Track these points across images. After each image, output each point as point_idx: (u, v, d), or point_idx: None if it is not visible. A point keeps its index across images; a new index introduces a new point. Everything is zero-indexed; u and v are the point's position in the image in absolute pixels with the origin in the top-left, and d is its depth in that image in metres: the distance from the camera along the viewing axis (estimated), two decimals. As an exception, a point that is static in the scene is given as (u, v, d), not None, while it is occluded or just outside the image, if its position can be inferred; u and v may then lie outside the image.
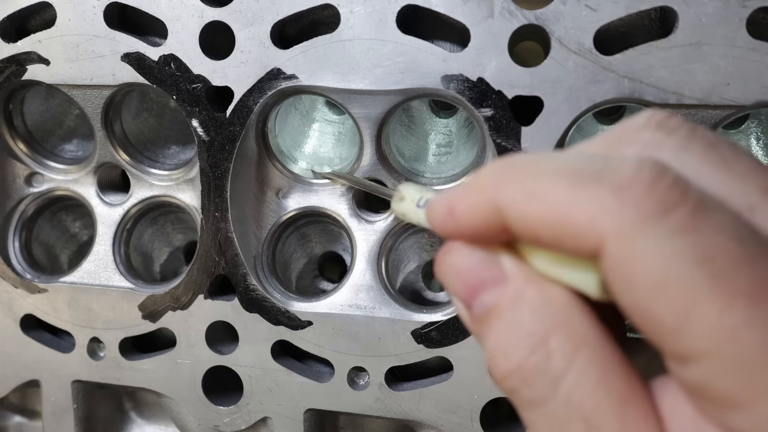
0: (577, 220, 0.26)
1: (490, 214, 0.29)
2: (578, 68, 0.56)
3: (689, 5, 0.53)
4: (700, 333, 0.24)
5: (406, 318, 0.65)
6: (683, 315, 0.24)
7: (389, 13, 0.59)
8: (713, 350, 0.24)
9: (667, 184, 0.25)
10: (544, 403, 0.27)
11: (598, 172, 0.26)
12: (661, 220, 0.25)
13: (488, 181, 0.29)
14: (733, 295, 0.24)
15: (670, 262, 0.24)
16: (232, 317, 0.68)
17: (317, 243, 0.78)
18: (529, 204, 0.27)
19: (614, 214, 0.25)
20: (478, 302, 0.30)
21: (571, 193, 0.26)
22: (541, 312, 0.28)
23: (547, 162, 0.28)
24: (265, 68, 0.62)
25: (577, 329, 0.27)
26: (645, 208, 0.25)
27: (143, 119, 0.77)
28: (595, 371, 0.27)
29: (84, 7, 0.65)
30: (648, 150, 0.28)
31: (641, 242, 0.25)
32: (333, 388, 0.67)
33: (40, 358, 0.75)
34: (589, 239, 0.26)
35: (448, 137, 0.73)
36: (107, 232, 0.75)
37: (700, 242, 0.24)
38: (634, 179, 0.26)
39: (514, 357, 0.28)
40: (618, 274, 0.25)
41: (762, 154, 0.67)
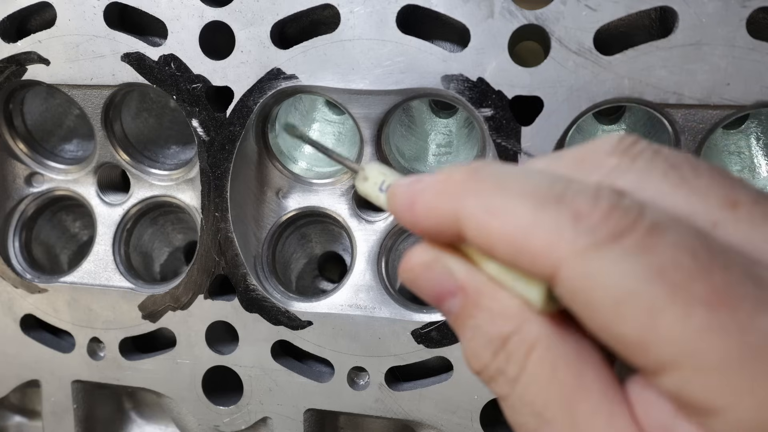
0: (535, 244, 0.27)
1: (448, 220, 0.30)
2: (578, 68, 0.56)
3: (689, 5, 0.53)
4: (665, 343, 0.25)
5: (406, 318, 0.65)
6: (646, 328, 0.25)
7: (389, 13, 0.59)
8: (680, 359, 0.25)
9: (622, 211, 0.26)
10: (507, 398, 0.30)
11: (559, 197, 0.28)
12: (614, 243, 0.26)
13: (452, 187, 0.30)
14: (690, 303, 0.24)
15: (626, 280, 0.25)
16: (232, 317, 0.68)
17: (317, 243, 0.78)
18: (489, 220, 0.29)
19: (571, 240, 0.26)
20: (444, 308, 0.32)
21: (531, 217, 0.28)
22: (497, 318, 0.30)
23: (512, 179, 0.29)
24: (265, 68, 0.62)
25: (531, 331, 0.29)
26: (599, 234, 0.26)
27: (143, 119, 0.77)
28: (546, 370, 0.28)
29: (84, 7, 0.65)
30: (612, 176, 0.30)
31: (596, 265, 0.26)
32: (333, 388, 0.67)
33: (40, 358, 0.75)
34: (545, 263, 0.27)
35: (448, 137, 0.73)
36: (107, 232, 0.75)
37: (654, 259, 0.25)
38: (590, 208, 0.27)
39: (480, 360, 0.31)
40: (577, 298, 0.27)
41: (762, 154, 0.67)
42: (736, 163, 0.67)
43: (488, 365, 0.30)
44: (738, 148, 0.67)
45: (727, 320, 0.24)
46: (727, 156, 0.67)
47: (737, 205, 0.28)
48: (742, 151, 0.67)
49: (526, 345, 0.29)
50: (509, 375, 0.29)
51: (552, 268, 0.27)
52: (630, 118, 0.69)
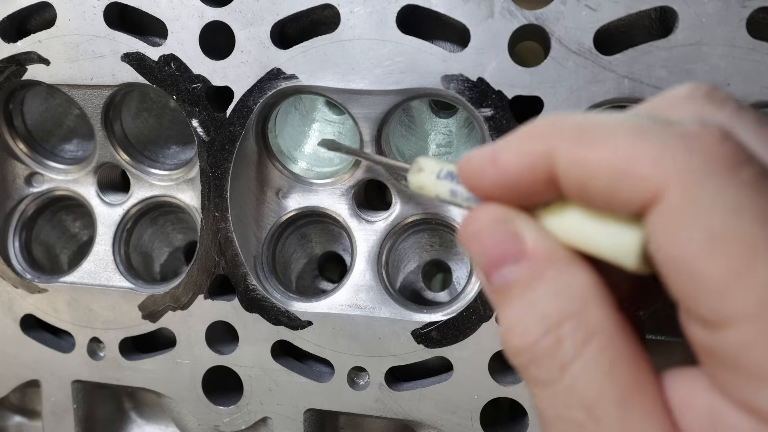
0: (640, 165, 0.24)
1: (539, 161, 0.27)
2: (578, 68, 0.56)
3: (689, 5, 0.53)
4: (747, 296, 0.23)
5: (406, 318, 0.65)
6: (734, 272, 0.23)
7: (389, 13, 0.59)
8: (756, 316, 0.23)
9: (734, 145, 0.24)
10: (551, 384, 0.27)
11: (663, 126, 0.25)
12: (731, 171, 0.23)
13: (541, 129, 0.28)
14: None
15: (734, 216, 0.23)
16: (232, 317, 0.68)
17: (317, 243, 0.78)
18: (588, 149, 0.26)
19: (681, 159, 0.24)
20: (498, 274, 0.29)
21: (634, 140, 0.25)
22: (558, 295, 0.27)
23: (603, 116, 0.27)
24: (265, 68, 0.62)
25: (592, 317, 0.27)
26: (714, 157, 0.24)
27: (143, 119, 0.77)
28: (604, 362, 0.26)
29: (84, 7, 0.65)
30: (702, 116, 0.27)
31: (707, 189, 0.23)
32: (333, 388, 0.67)
33: (40, 358, 0.75)
34: (648, 185, 0.24)
35: (448, 137, 0.73)
36: (107, 232, 0.75)
37: (766, 201, 0.23)
38: (701, 133, 0.24)
39: (527, 336, 0.28)
40: (672, 223, 0.24)
41: (762, 154, 0.67)
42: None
43: (536, 343, 0.27)
44: (738, 148, 0.67)
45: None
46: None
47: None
48: (742, 151, 0.67)
49: (586, 330, 0.27)
50: (561, 358, 0.27)
51: (656, 190, 0.24)
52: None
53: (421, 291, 0.77)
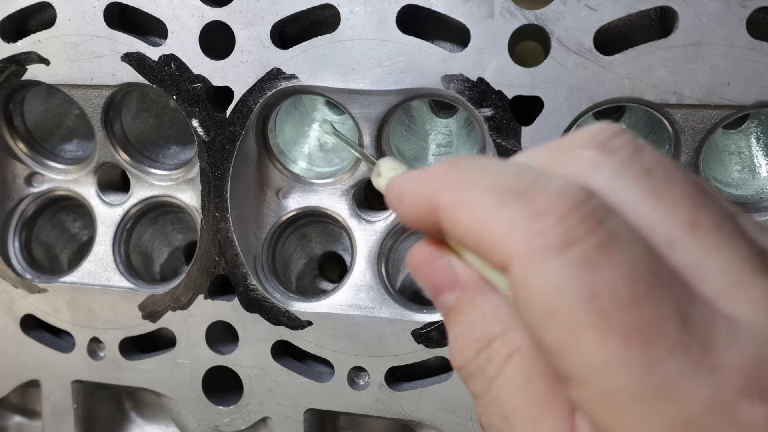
0: (492, 237, 0.28)
1: (428, 211, 0.32)
2: (578, 68, 0.56)
3: (689, 5, 0.53)
4: (577, 361, 0.26)
5: (406, 318, 0.65)
6: (564, 342, 0.26)
7: (389, 13, 0.59)
8: (586, 378, 0.26)
9: (582, 216, 0.27)
10: (481, 396, 0.31)
11: (521, 192, 0.28)
12: (562, 252, 0.26)
13: (432, 179, 0.32)
14: (610, 333, 0.25)
15: (560, 294, 0.26)
16: (232, 317, 0.68)
17: (317, 243, 0.78)
18: (458, 211, 0.30)
19: (522, 238, 0.27)
20: (440, 300, 0.33)
21: (491, 210, 0.29)
22: (486, 318, 0.31)
23: (484, 172, 0.30)
24: (265, 68, 0.62)
25: (514, 338, 0.30)
26: (551, 237, 0.27)
27: (143, 119, 0.77)
28: (521, 377, 0.30)
29: (84, 7, 0.65)
30: (586, 170, 0.30)
31: (539, 270, 0.26)
32: (333, 388, 0.67)
33: (40, 358, 0.75)
34: (499, 257, 0.28)
35: (448, 137, 0.73)
36: (107, 232, 0.75)
37: (592, 279, 0.26)
38: (549, 206, 0.27)
39: (463, 356, 0.32)
40: (517, 293, 0.28)
41: (762, 154, 0.67)
42: (736, 163, 0.67)
43: (470, 362, 0.31)
44: (738, 148, 0.67)
45: (637, 357, 0.25)
46: (727, 156, 0.67)
47: (698, 227, 0.27)
48: (742, 151, 0.67)
49: (508, 349, 0.30)
50: (487, 375, 0.30)
51: (505, 262, 0.28)
52: (630, 118, 0.69)
53: (421, 291, 0.77)
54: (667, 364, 0.24)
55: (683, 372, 0.24)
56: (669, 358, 0.24)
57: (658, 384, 0.24)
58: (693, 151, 0.58)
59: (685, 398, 0.24)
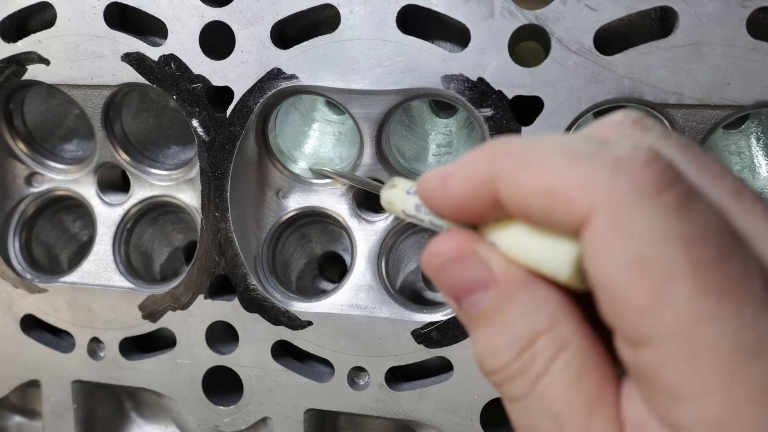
0: (571, 189, 0.26)
1: (482, 185, 0.29)
2: (578, 68, 0.56)
3: (689, 5, 0.53)
4: (665, 316, 0.24)
5: (406, 318, 0.65)
6: (653, 294, 0.24)
7: (389, 13, 0.59)
8: (672, 336, 0.24)
9: (662, 166, 0.26)
10: (523, 398, 0.29)
11: (595, 149, 0.27)
12: (653, 196, 0.25)
13: (485, 154, 0.30)
14: (706, 286, 0.24)
15: (655, 238, 0.24)
16: (232, 317, 0.68)
17: (317, 243, 0.78)
18: (524, 174, 0.28)
19: (608, 184, 0.25)
20: (468, 302, 0.30)
21: (567, 165, 0.27)
22: (529, 315, 0.29)
23: (543, 140, 0.29)
24: (265, 68, 0.62)
25: (561, 332, 0.28)
26: (639, 182, 0.25)
27: (143, 119, 0.77)
28: (571, 374, 0.28)
29: (84, 7, 0.65)
30: (633, 139, 0.29)
31: (630, 213, 0.25)
32: (333, 388, 0.67)
33: (40, 358, 0.75)
34: (579, 208, 0.26)
35: (448, 137, 0.73)
36: (107, 232, 0.75)
37: (687, 225, 0.24)
38: (630, 157, 0.26)
39: (500, 358, 0.29)
40: (599, 244, 0.25)
41: (762, 154, 0.67)
42: (736, 163, 0.67)
43: (510, 364, 0.29)
44: (738, 148, 0.67)
45: (732, 313, 0.23)
46: (727, 156, 0.67)
47: (743, 195, 0.27)
48: (742, 151, 0.67)
49: (555, 344, 0.28)
50: (532, 374, 0.28)
51: (586, 212, 0.26)
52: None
53: (421, 291, 0.77)
54: (759, 321, 0.24)
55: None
56: (760, 316, 0.24)
57: (752, 342, 0.23)
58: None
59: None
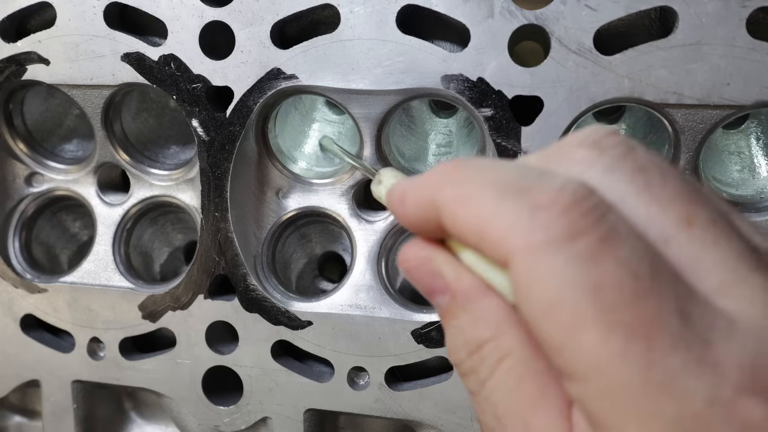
0: (494, 231, 0.28)
1: (429, 210, 0.32)
2: (578, 68, 0.56)
3: (689, 5, 0.53)
4: (579, 355, 0.26)
5: (406, 318, 0.65)
6: (567, 336, 0.26)
7: (389, 13, 0.59)
8: (588, 374, 0.26)
9: (583, 210, 0.27)
10: (476, 394, 0.32)
11: (524, 188, 0.28)
12: (565, 245, 0.26)
13: (434, 179, 0.32)
14: (613, 327, 0.25)
15: (564, 287, 0.26)
16: (232, 317, 0.68)
17: (317, 243, 0.78)
18: (458, 207, 0.30)
19: (525, 231, 0.27)
20: (435, 302, 0.34)
21: (493, 205, 0.29)
22: (477, 323, 0.31)
23: (485, 170, 0.31)
24: (265, 68, 0.62)
25: (504, 342, 0.30)
26: (554, 230, 0.27)
27: (143, 119, 0.77)
28: (512, 380, 0.30)
29: (84, 7, 0.65)
30: (579, 168, 0.30)
31: (543, 263, 0.26)
32: (333, 388, 0.67)
33: (40, 358, 0.75)
34: (500, 251, 0.28)
35: (448, 137, 0.73)
36: (107, 232, 0.75)
37: (595, 272, 0.26)
38: (552, 201, 0.27)
39: (457, 356, 0.32)
40: (519, 288, 0.28)
41: (762, 154, 0.67)
42: (736, 163, 0.67)
43: (463, 362, 0.32)
44: (738, 148, 0.67)
45: (640, 352, 0.25)
46: (727, 156, 0.67)
47: (693, 223, 0.28)
48: (742, 151, 0.67)
49: (499, 353, 0.30)
50: (480, 376, 0.31)
51: (506, 257, 0.28)
52: (630, 118, 0.69)
53: (421, 291, 0.77)
54: (670, 359, 0.24)
55: (685, 368, 0.24)
56: (672, 354, 0.24)
57: (661, 380, 0.24)
58: (693, 151, 0.58)
59: (687, 395, 0.24)
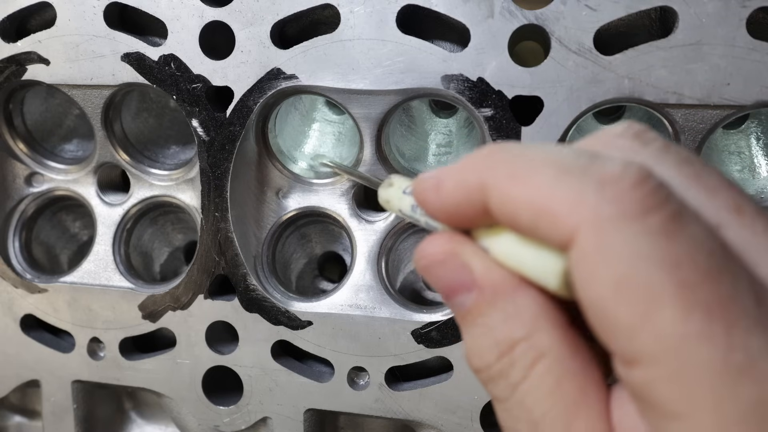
0: (557, 206, 0.26)
1: (473, 193, 0.30)
2: (578, 68, 0.56)
3: (689, 5, 0.53)
4: (652, 337, 0.24)
5: (406, 318, 0.65)
6: (640, 316, 0.24)
7: (389, 13, 0.59)
8: (661, 356, 0.24)
9: (651, 187, 0.26)
10: (504, 401, 0.30)
11: (585, 165, 0.27)
12: (639, 219, 0.25)
13: (478, 161, 0.30)
14: (692, 306, 0.24)
15: (639, 261, 0.24)
16: (232, 317, 0.68)
17: (317, 243, 0.78)
18: (513, 186, 0.28)
19: (594, 205, 0.26)
20: (455, 301, 0.31)
21: (555, 181, 0.27)
22: (509, 321, 0.29)
23: (536, 151, 0.29)
24: (265, 68, 0.62)
25: (540, 340, 0.29)
26: (625, 204, 0.25)
27: (143, 119, 0.77)
28: (550, 382, 0.28)
29: (84, 7, 0.65)
30: (629, 154, 0.29)
31: (615, 236, 0.25)
32: (333, 388, 0.67)
33: (40, 358, 0.75)
34: (564, 227, 0.26)
35: (448, 137, 0.73)
36: (107, 232, 0.75)
37: (672, 248, 0.25)
38: (619, 176, 0.26)
39: (483, 359, 0.30)
40: (584, 266, 0.26)
41: (762, 154, 0.67)
42: (736, 163, 0.67)
43: (491, 366, 0.30)
44: (738, 148, 0.67)
45: (720, 333, 0.24)
46: (727, 156, 0.67)
47: (742, 210, 0.27)
48: (742, 151, 0.67)
49: (534, 353, 0.29)
50: (511, 379, 0.29)
51: (570, 232, 0.26)
52: (630, 118, 0.69)
53: (421, 291, 0.77)
54: (750, 341, 0.24)
55: (764, 350, 0.24)
56: (751, 336, 0.24)
57: (741, 362, 0.23)
58: (693, 151, 0.58)
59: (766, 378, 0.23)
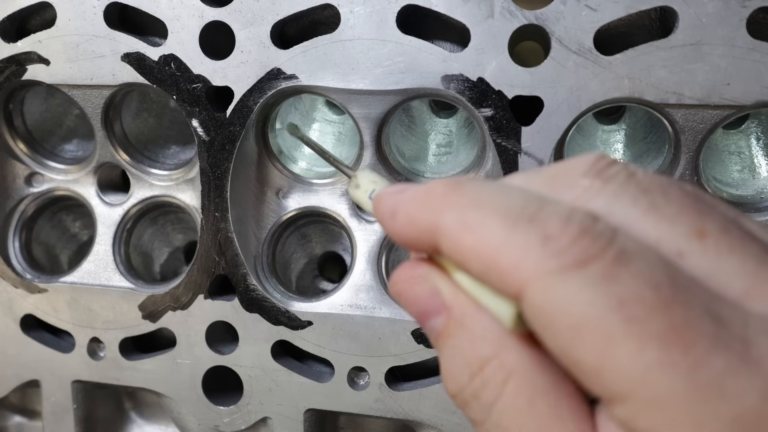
0: (504, 262, 0.28)
1: (426, 232, 0.31)
2: (578, 68, 0.56)
3: (689, 5, 0.53)
4: (617, 374, 0.25)
5: (406, 318, 0.65)
6: (600, 357, 0.25)
7: (389, 13, 0.59)
8: (630, 391, 0.25)
9: (592, 237, 0.27)
10: (481, 423, 0.30)
11: (531, 216, 0.28)
12: (580, 269, 0.26)
13: (432, 200, 0.31)
14: (645, 339, 0.25)
15: (586, 308, 0.25)
16: (232, 317, 0.68)
17: (317, 243, 0.78)
18: (463, 235, 0.29)
19: (538, 261, 0.27)
20: (428, 325, 0.32)
21: (502, 234, 0.28)
22: (477, 341, 0.30)
23: (489, 195, 0.30)
24: (265, 68, 0.62)
25: (508, 359, 0.29)
26: (567, 257, 0.26)
27: (143, 119, 0.77)
28: (522, 400, 0.29)
29: (84, 7, 0.65)
30: (584, 197, 0.30)
31: (560, 289, 0.26)
32: (333, 388, 0.67)
33: (40, 358, 0.75)
34: (512, 282, 0.27)
35: (448, 137, 0.73)
36: (107, 232, 0.75)
37: (615, 289, 0.25)
38: (560, 231, 0.27)
39: (456, 382, 0.31)
40: (539, 319, 0.27)
41: (762, 154, 0.67)
42: (736, 163, 0.67)
43: (464, 388, 0.30)
44: (738, 148, 0.67)
45: (679, 358, 0.24)
46: (727, 156, 0.67)
47: (704, 234, 0.28)
48: (742, 151, 0.67)
49: (504, 372, 0.29)
50: (484, 401, 0.30)
51: (518, 287, 0.27)
52: (630, 118, 0.69)
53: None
54: (712, 361, 0.24)
55: (730, 368, 0.24)
56: (712, 355, 0.24)
57: (707, 382, 0.24)
58: (693, 151, 0.58)
59: (738, 394, 0.24)
